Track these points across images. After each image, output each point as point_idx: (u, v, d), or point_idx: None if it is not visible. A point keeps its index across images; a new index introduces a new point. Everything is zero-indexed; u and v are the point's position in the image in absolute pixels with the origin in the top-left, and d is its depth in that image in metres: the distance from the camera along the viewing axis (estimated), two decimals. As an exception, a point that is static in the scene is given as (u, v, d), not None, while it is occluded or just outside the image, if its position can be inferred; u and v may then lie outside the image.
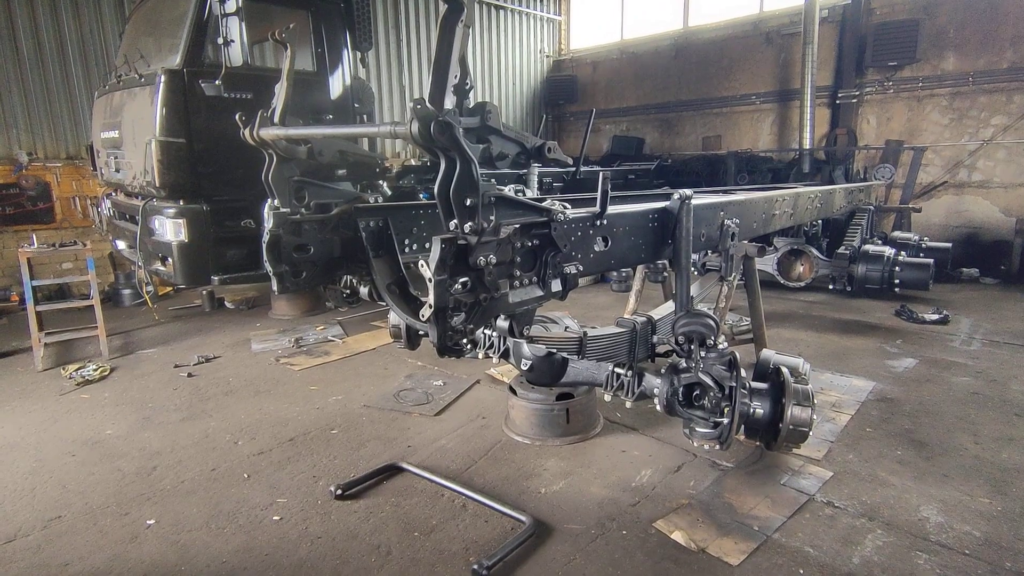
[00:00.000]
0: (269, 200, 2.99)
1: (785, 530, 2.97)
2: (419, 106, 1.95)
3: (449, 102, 2.05)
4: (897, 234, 7.99)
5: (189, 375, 5.35)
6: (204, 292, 7.79)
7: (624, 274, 3.76)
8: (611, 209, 3.18)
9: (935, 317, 6.57)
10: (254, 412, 4.54)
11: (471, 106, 2.14)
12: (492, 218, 2.26)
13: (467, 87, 2.01)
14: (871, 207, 7.85)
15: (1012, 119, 9.46)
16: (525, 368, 4.01)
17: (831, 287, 7.13)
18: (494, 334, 4.13)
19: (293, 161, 3.01)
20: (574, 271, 2.85)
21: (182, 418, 4.46)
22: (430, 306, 2.19)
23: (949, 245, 7.81)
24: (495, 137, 2.17)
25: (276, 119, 2.85)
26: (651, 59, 13.71)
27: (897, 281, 6.49)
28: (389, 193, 6.60)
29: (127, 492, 3.45)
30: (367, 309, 7.08)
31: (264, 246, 2.82)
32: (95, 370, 5.34)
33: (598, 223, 2.99)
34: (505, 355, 3.99)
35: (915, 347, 5.78)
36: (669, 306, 4.03)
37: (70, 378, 5.20)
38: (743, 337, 5.48)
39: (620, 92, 14.37)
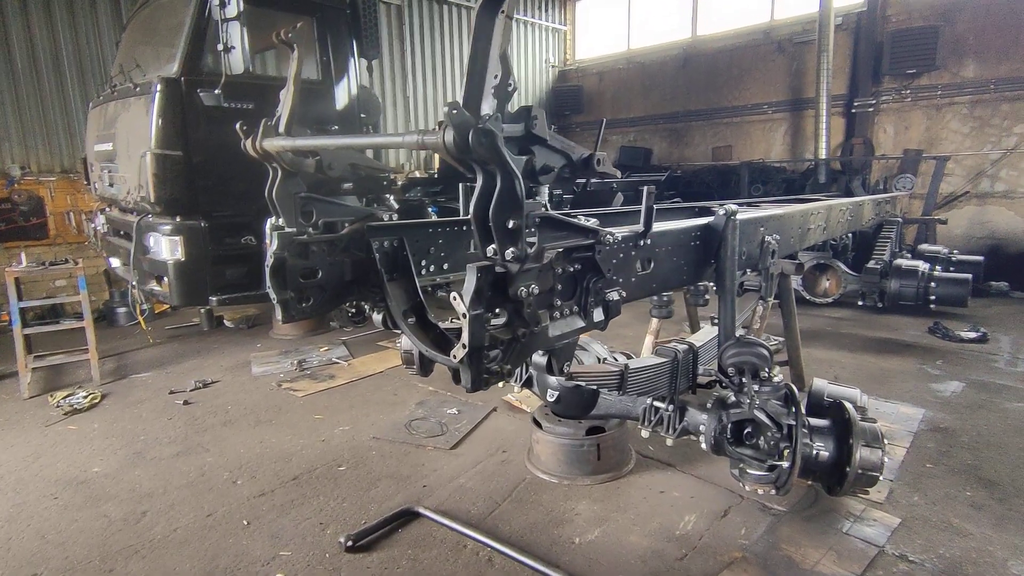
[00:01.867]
0: (272, 219, 2.67)
1: (858, 591, 2.61)
2: (455, 111, 1.63)
3: (487, 106, 1.73)
4: (925, 247, 7.67)
5: (185, 402, 5.00)
6: (203, 311, 7.45)
7: (666, 298, 3.46)
8: (657, 227, 2.87)
9: (973, 335, 6.23)
10: (255, 445, 4.19)
11: (513, 111, 1.81)
12: (534, 242, 1.93)
13: (510, 88, 1.69)
14: (899, 219, 7.54)
15: (1037, 127, 9.17)
16: (551, 400, 3.68)
17: (860, 303, 6.80)
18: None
19: (299, 175, 2.70)
20: (616, 297, 2.52)
21: (176, 452, 4.10)
22: (464, 346, 1.86)
23: (982, 259, 7.48)
24: (539, 148, 1.85)
25: (281, 129, 2.53)
26: (658, 69, 13.47)
27: (933, 297, 6.16)
28: (396, 207, 6.29)
29: (113, 543, 3.09)
30: (372, 328, 6.74)
31: (267, 271, 2.49)
32: (85, 397, 4.99)
33: (641, 243, 2.67)
34: (528, 384, 3.65)
35: (958, 368, 5.43)
36: (709, 331, 3.69)
37: (58, 406, 4.85)
38: (778, 358, 5.12)
39: (627, 102, 14.12)
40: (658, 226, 2.96)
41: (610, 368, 2.91)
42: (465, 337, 1.84)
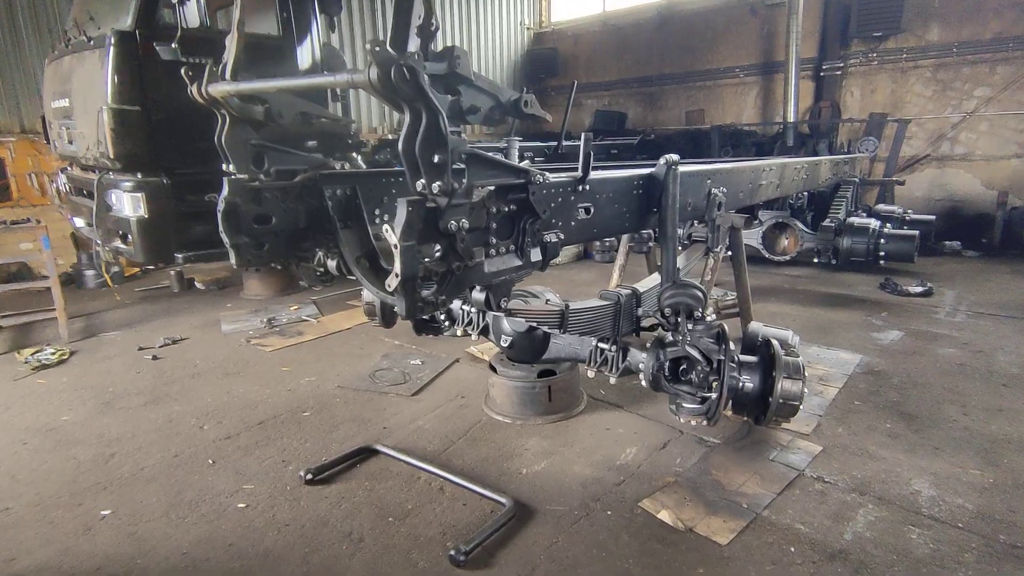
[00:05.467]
0: (224, 165, 2.76)
1: (775, 507, 2.86)
2: (378, 49, 1.73)
3: (413, 45, 1.83)
4: (881, 207, 7.93)
5: (154, 358, 5.10)
6: (173, 272, 7.48)
7: (608, 244, 3.59)
8: (594, 174, 3.01)
9: (919, 289, 6.53)
10: (222, 395, 4.33)
11: (438, 51, 1.92)
12: (464, 179, 2.06)
13: (432, 28, 1.79)
14: (856, 180, 7.76)
15: (995, 91, 9.40)
16: (505, 344, 3.85)
17: (816, 260, 7.06)
18: (472, 310, 3.97)
19: (249, 123, 2.77)
20: (555, 239, 2.67)
21: (145, 402, 4.23)
22: (396, 275, 2.00)
23: (933, 218, 7.77)
24: (465, 88, 1.95)
25: (227, 74, 2.60)
26: (633, 31, 13.41)
27: (882, 253, 6.43)
28: (363, 167, 6.32)
29: (82, 481, 3.23)
30: (342, 288, 6.86)
31: (219, 215, 2.60)
32: (53, 354, 5.07)
33: (580, 189, 2.81)
34: (484, 331, 3.81)
35: (900, 319, 5.72)
36: (655, 278, 3.87)
37: (25, 363, 4.92)
38: (728, 312, 5.36)
39: (602, 66, 14.07)
40: (599, 173, 3.11)
41: (551, 308, 3.08)
42: (398, 267, 1.98)
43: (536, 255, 2.59)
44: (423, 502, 2.99)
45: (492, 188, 2.26)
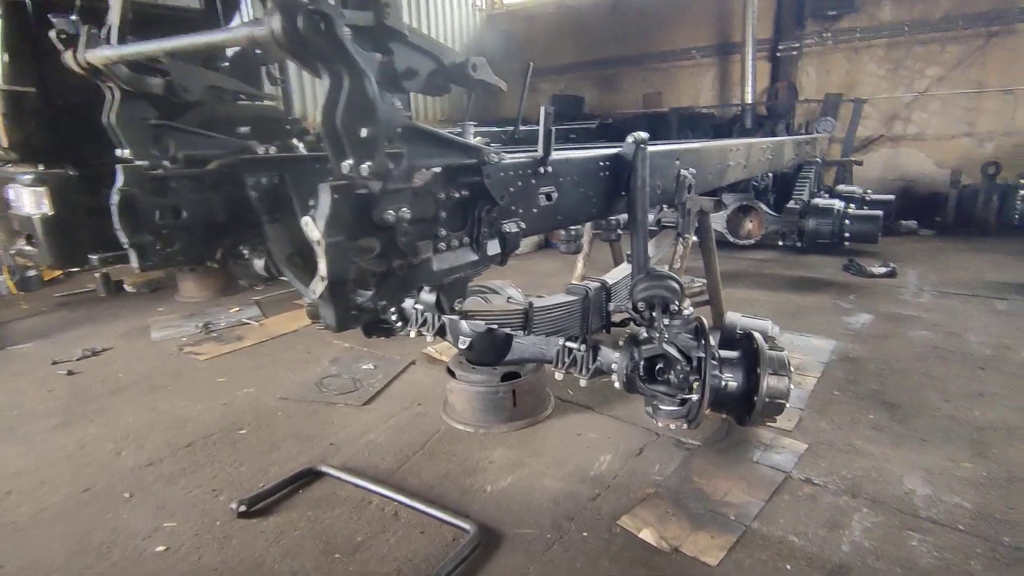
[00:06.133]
0: (118, 150, 2.32)
1: (765, 517, 2.61)
2: (282, -8, 1.34)
3: (328, -10, 1.44)
4: (842, 187, 7.88)
5: (69, 372, 4.54)
6: (98, 275, 6.81)
7: (573, 233, 3.27)
8: (556, 155, 2.67)
9: (883, 270, 6.47)
10: (146, 413, 3.84)
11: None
12: (403, 159, 1.69)
13: (354, -35, 1.40)
14: (818, 160, 7.67)
15: (946, 69, 9.49)
16: (464, 346, 3.50)
17: (781, 243, 6.93)
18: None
19: (146, 99, 2.32)
20: (515, 229, 2.32)
21: (55, 426, 3.71)
22: (322, 278, 1.61)
23: (892, 197, 7.77)
24: (399, 46, 1.59)
25: (113, 39, 2.14)
26: (589, 12, 13.11)
27: (847, 235, 6.33)
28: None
29: (-33, 529, 2.74)
30: (288, 287, 6.33)
31: (114, 209, 2.15)
32: (-50, 373, 4.45)
33: (541, 171, 2.46)
34: (441, 332, 3.45)
35: (868, 301, 5.61)
36: (624, 268, 3.58)
37: (-84, 385, 4.30)
38: (697, 300, 5.14)
39: (558, 48, 13.73)
40: (563, 154, 2.77)
41: (513, 307, 2.75)
42: (323, 268, 1.60)
43: (494, 248, 2.24)
44: (375, 532, 2.63)
45: (438, 170, 1.89)
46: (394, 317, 3.75)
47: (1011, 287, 5.84)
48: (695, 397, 2.70)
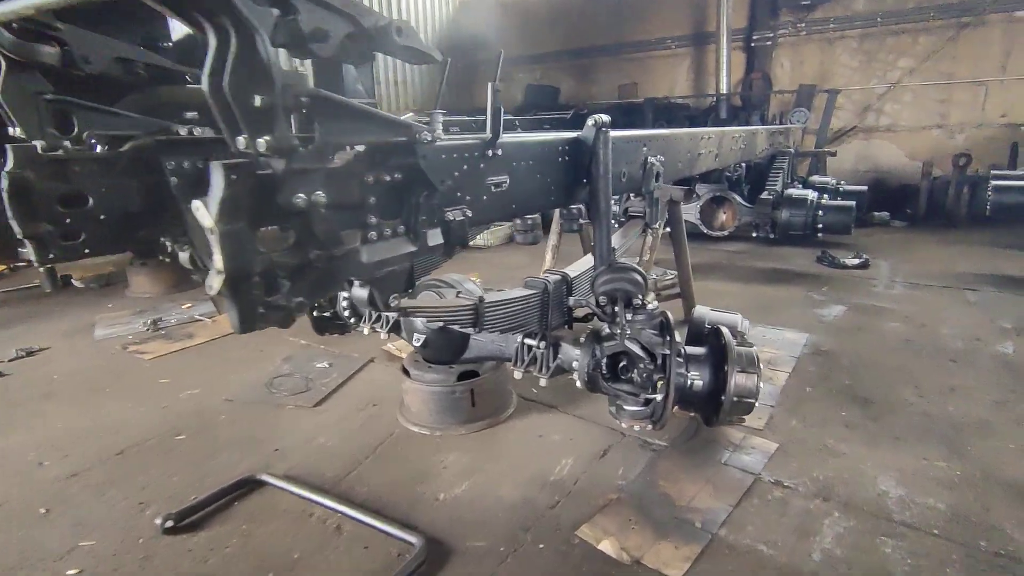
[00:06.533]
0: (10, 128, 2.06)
1: (733, 523, 2.46)
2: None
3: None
4: (815, 178, 7.81)
5: None
6: (42, 269, 6.43)
7: (530, 222, 3.07)
8: (510, 138, 2.48)
9: (856, 262, 6.40)
10: (78, 419, 3.56)
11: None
12: (316, 135, 1.48)
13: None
14: (791, 151, 7.58)
15: (918, 61, 9.48)
16: (418, 344, 3.30)
17: (754, 235, 6.82)
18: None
19: (39, 70, 2.06)
20: (460, 217, 2.12)
21: (-26, 434, 3.42)
22: (219, 272, 1.39)
23: (865, 188, 7.72)
24: (305, 3, 1.36)
25: (-5, 1, 1.88)
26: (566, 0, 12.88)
27: (820, 226, 6.24)
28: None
29: None
30: (246, 281, 6.05)
31: (3, 195, 1.89)
32: None
33: (490, 154, 2.26)
34: (395, 329, 3.23)
35: (841, 293, 5.53)
36: (588, 260, 3.40)
37: None
38: (669, 293, 4.99)
39: (534, 37, 13.48)
40: (516, 137, 2.57)
41: (460, 303, 2.54)
42: (218, 260, 1.38)
43: (436, 238, 2.03)
44: (314, 548, 2.41)
45: (362, 149, 1.68)
46: (347, 313, 3.54)
47: (982, 278, 5.81)
48: (659, 397, 2.54)
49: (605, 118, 2.74)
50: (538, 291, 2.81)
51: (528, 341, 2.92)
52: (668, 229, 4.70)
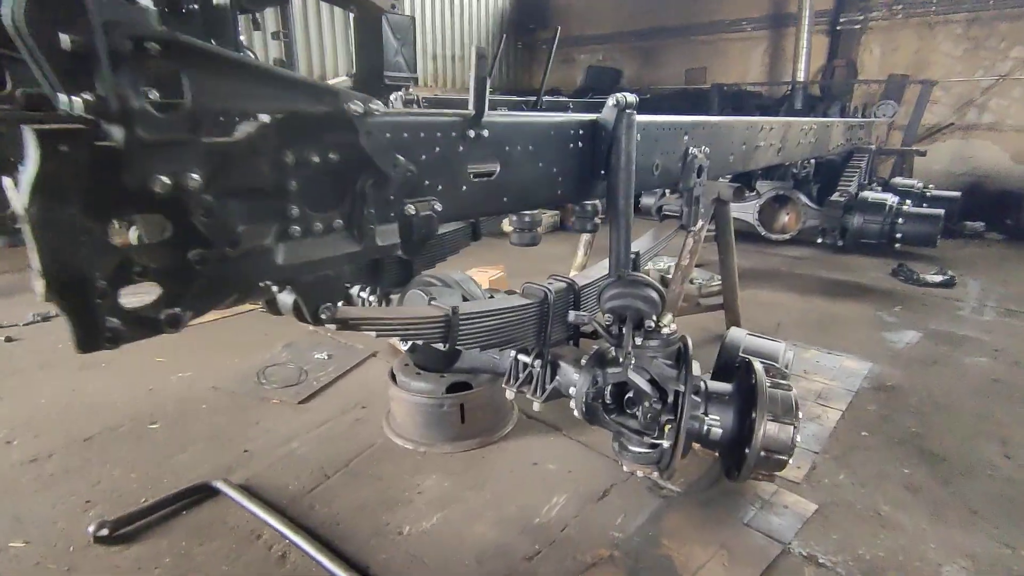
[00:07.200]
0: None
1: (745, 610, 1.99)
2: None
3: None
4: (898, 180, 6.91)
5: (8, 339, 4.19)
6: None
7: (528, 219, 2.67)
8: (507, 117, 2.05)
9: (939, 279, 5.59)
10: (63, 395, 3.43)
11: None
12: (185, 98, 1.11)
13: None
14: (871, 147, 6.72)
15: (1035, 51, 8.27)
16: (406, 347, 2.96)
17: (819, 240, 6.08)
18: (372, 297, 3.04)
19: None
20: (426, 212, 1.73)
21: (-40, 403, 3.34)
22: (39, 274, 1.06)
23: (958, 195, 6.75)
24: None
25: None
26: (632, -23, 12.12)
27: (899, 235, 5.46)
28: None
29: None
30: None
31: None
32: None
33: (472, 134, 1.84)
34: (385, 328, 2.89)
35: (917, 316, 4.79)
36: (605, 267, 2.93)
37: None
38: (711, 301, 4.44)
39: (597, 16, 12.80)
40: (514, 116, 2.13)
41: (428, 312, 2.14)
42: (33, 258, 1.04)
43: (390, 235, 1.64)
44: (252, 578, 2.12)
45: (269, 120, 1.30)
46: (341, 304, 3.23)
47: (1095, 309, 4.93)
48: (667, 444, 2.08)
49: (631, 97, 2.25)
50: (535, 301, 2.38)
51: (522, 357, 2.52)
52: (715, 231, 4.14)
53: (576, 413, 2.31)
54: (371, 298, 3.02)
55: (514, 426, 3.07)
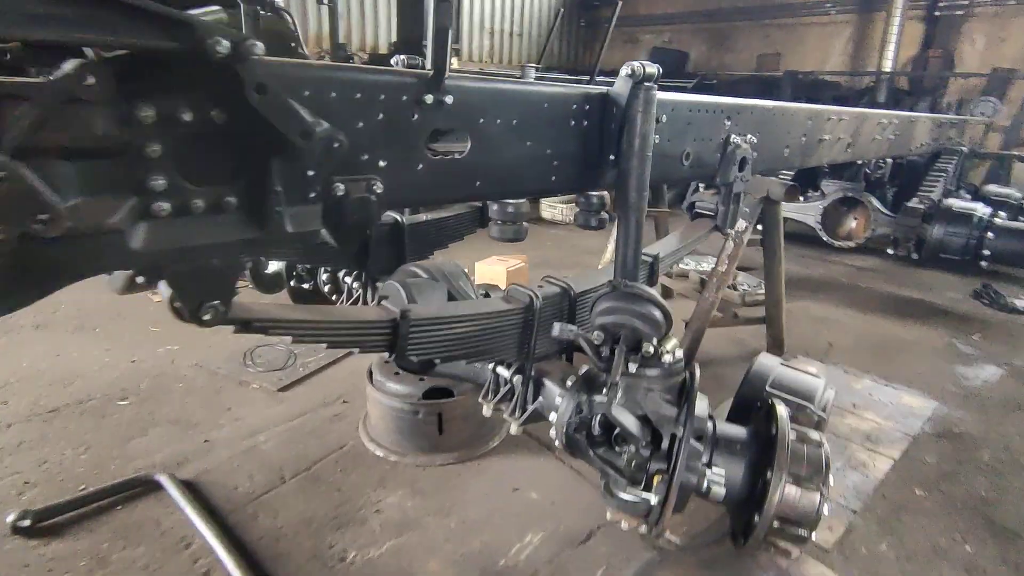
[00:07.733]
0: None
1: None
2: None
3: None
4: (992, 188, 6.05)
5: (15, 297, 4.15)
6: None
7: (512, 209, 2.28)
8: (476, 82, 1.67)
9: (1031, 305, 4.83)
10: (47, 358, 3.32)
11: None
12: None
13: None
14: (963, 149, 5.90)
15: None
16: (383, 344, 2.62)
17: (891, 251, 5.38)
18: (356, 285, 2.74)
19: None
20: (361, 194, 1.40)
21: (-54, 359, 3.27)
22: None
23: (1063, 209, 5.84)
24: None
25: None
26: (706, -49, 11.29)
27: (987, 252, 4.72)
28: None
29: None
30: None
31: None
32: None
33: (429, 99, 1.46)
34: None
35: (1000, 348, 4.11)
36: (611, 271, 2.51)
37: None
38: (753, 313, 3.91)
39: (665, -6, 12.05)
40: (489, 83, 1.74)
41: (367, 315, 1.78)
42: None
43: (307, 220, 1.30)
44: (166, 597, 1.87)
45: (95, 58, 0.97)
46: (327, 288, 2.96)
47: None
48: (655, 498, 1.69)
49: (651, 68, 1.83)
50: (517, 308, 1.99)
51: (502, 371, 2.16)
52: (761, 234, 3.61)
53: (556, 443, 1.95)
54: (355, 285, 2.73)
55: (501, 441, 2.72)
